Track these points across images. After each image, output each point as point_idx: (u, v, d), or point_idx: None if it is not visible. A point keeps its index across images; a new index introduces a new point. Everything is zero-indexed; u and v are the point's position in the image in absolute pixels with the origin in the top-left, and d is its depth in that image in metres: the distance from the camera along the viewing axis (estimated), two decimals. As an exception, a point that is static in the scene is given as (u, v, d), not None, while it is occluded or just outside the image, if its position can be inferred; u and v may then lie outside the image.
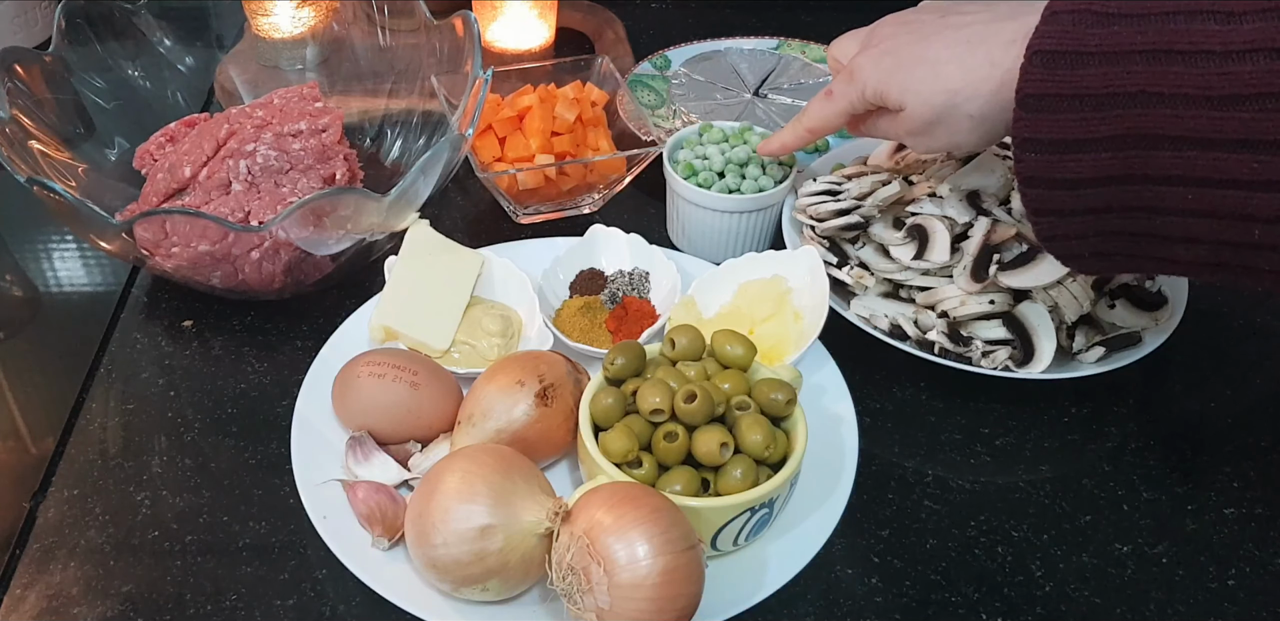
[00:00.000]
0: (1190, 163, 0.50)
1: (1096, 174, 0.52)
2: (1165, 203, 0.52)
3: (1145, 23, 0.50)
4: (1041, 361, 0.69)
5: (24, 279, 0.83)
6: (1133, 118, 0.50)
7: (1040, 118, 0.52)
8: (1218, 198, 0.50)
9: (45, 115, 0.79)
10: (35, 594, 0.61)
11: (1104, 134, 0.51)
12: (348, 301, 0.75)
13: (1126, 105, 0.50)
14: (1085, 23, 0.51)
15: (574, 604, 0.52)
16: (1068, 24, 0.51)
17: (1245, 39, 0.48)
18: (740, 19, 1.09)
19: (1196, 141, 0.49)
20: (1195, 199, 0.51)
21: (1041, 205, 0.54)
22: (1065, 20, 0.51)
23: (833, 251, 0.76)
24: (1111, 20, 0.50)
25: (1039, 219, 0.55)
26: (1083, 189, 0.53)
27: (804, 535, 0.62)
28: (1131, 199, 0.52)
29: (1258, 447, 0.71)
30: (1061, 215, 0.54)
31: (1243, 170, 0.49)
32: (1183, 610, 0.62)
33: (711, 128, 0.82)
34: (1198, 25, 0.49)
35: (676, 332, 0.63)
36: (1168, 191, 0.51)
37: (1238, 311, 0.81)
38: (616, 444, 0.58)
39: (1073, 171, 0.52)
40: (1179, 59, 0.49)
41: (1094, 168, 0.52)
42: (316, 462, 0.65)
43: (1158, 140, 0.50)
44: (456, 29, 0.82)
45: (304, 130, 0.77)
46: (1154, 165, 0.51)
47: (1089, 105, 0.51)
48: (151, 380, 0.74)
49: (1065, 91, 0.51)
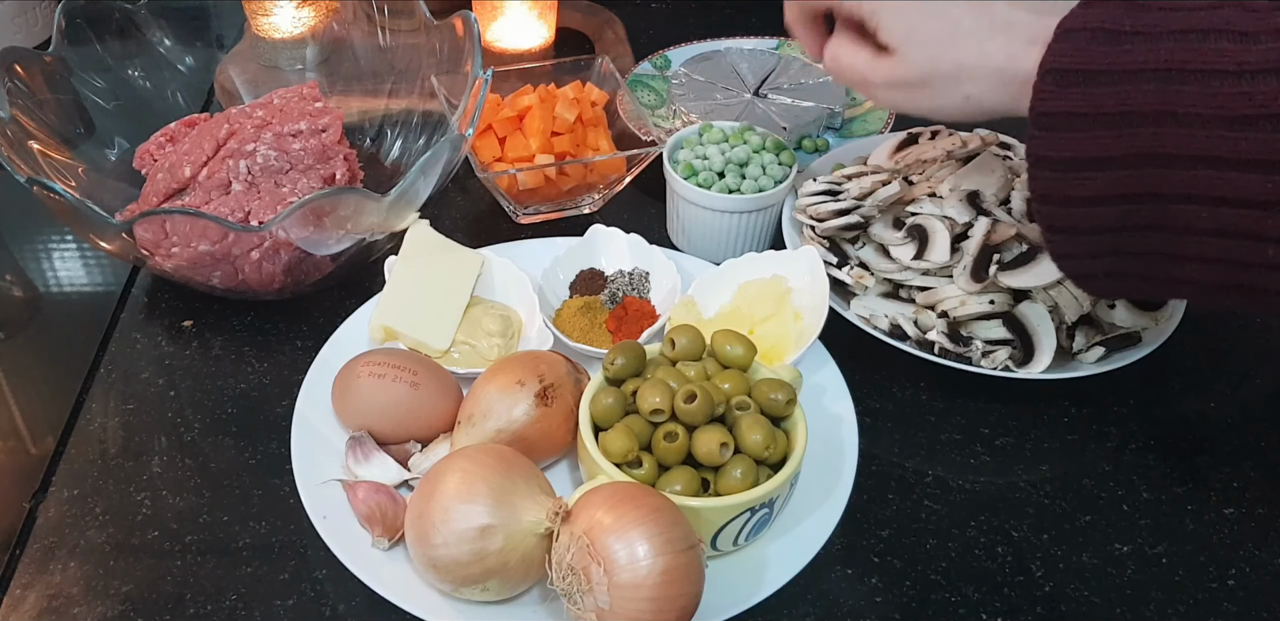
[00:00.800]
0: (1204, 182, 0.49)
1: (1110, 192, 0.51)
2: (1178, 221, 0.51)
3: (1158, 41, 0.49)
4: (1041, 361, 0.69)
5: (24, 279, 0.83)
6: (1146, 137, 0.50)
7: (1054, 136, 0.51)
8: (1231, 217, 0.50)
9: (45, 115, 0.79)
10: (35, 594, 0.61)
11: (1118, 152, 0.50)
12: (348, 301, 0.75)
13: (1140, 124, 0.49)
14: (1098, 41, 0.50)
15: (574, 604, 0.52)
16: (1081, 42, 0.50)
17: (1260, 59, 0.47)
18: (740, 19, 1.09)
19: (1210, 161, 0.49)
20: (1209, 218, 0.50)
21: (1055, 223, 0.54)
22: (1078, 38, 0.50)
23: (833, 251, 0.76)
24: (1124, 38, 0.50)
25: (1053, 236, 0.55)
26: (1096, 207, 0.52)
27: (804, 535, 0.62)
28: (1145, 217, 0.52)
29: (1258, 447, 0.71)
30: (1075, 233, 0.54)
31: (1256, 190, 0.49)
32: (1183, 610, 0.62)
33: (711, 128, 0.82)
34: (1211, 44, 0.48)
35: (676, 332, 0.63)
36: (1181, 210, 0.51)
37: (1238, 311, 0.81)
38: (616, 444, 0.58)
39: (1087, 189, 0.52)
40: (1192, 78, 0.48)
41: (1108, 186, 0.51)
42: (316, 462, 0.65)
43: (1171, 159, 0.50)
44: (456, 29, 0.82)
45: (304, 130, 0.77)
46: (1168, 184, 0.50)
47: (1102, 124, 0.50)
48: (151, 380, 0.74)
49: (1079, 110, 0.50)
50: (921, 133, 0.81)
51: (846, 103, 0.93)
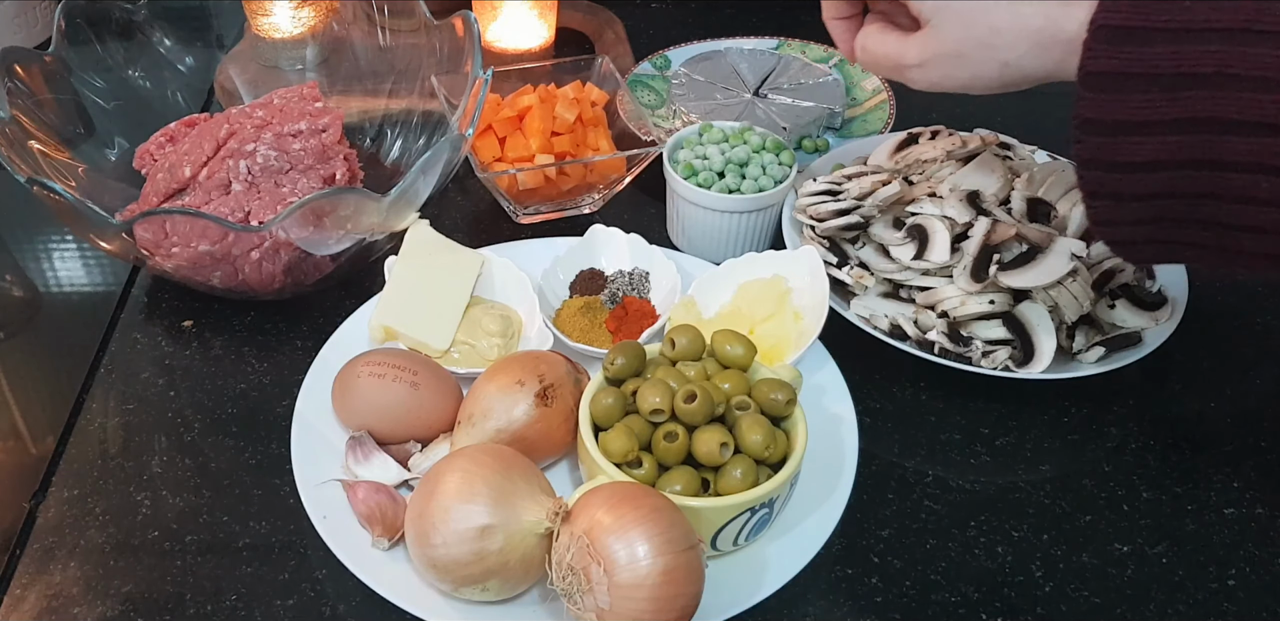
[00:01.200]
0: (1264, 149, 0.47)
1: (1160, 158, 0.49)
2: (1233, 190, 0.49)
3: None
4: (1041, 361, 0.69)
5: (24, 279, 0.83)
6: (1204, 100, 0.47)
7: (1103, 97, 0.49)
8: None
9: (45, 115, 0.79)
10: (35, 594, 0.61)
11: (1171, 116, 0.48)
12: (348, 301, 0.75)
13: (1198, 86, 0.47)
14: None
15: (574, 604, 0.52)
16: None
17: None
18: (740, 19, 1.08)
19: (1273, 128, 0.46)
20: (1268, 188, 0.48)
21: (1099, 188, 0.51)
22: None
23: (833, 251, 0.76)
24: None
25: (1095, 202, 0.52)
26: (1144, 173, 0.50)
27: (804, 535, 0.62)
28: (1197, 185, 0.49)
29: (1258, 447, 0.71)
30: (1119, 199, 0.51)
31: None
32: (1183, 610, 0.62)
33: (711, 128, 0.82)
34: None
35: (676, 332, 0.63)
36: (1237, 178, 0.48)
37: (1238, 311, 0.81)
38: (616, 444, 0.58)
39: (1135, 154, 0.49)
40: (1260, 39, 0.45)
41: (1158, 151, 0.49)
42: (316, 462, 0.65)
43: (1230, 125, 0.47)
44: (456, 29, 0.82)
45: (304, 130, 0.77)
46: (1226, 151, 0.48)
47: (1157, 85, 0.47)
48: (151, 380, 0.74)
49: (1131, 70, 0.47)
50: (921, 133, 0.81)
51: (846, 103, 0.93)
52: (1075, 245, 0.70)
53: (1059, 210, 0.73)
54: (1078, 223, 0.73)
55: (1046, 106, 0.96)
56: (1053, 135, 0.82)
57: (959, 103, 0.70)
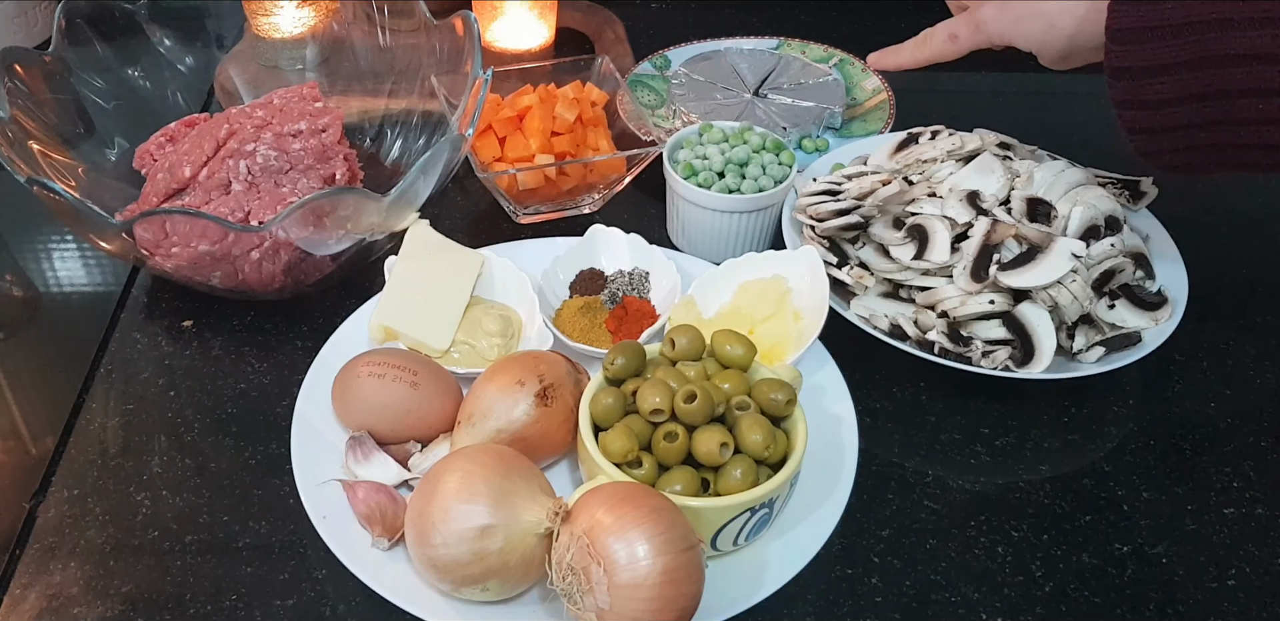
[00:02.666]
0: (1261, 76, 0.58)
1: (1181, 93, 0.60)
2: (1242, 114, 0.60)
3: None
4: (1041, 361, 0.69)
5: (24, 279, 0.83)
6: (1209, 42, 0.58)
7: (1128, 48, 0.60)
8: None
9: (45, 115, 0.79)
10: (35, 594, 0.61)
11: (1184, 58, 0.59)
12: (348, 301, 0.75)
13: (1203, 31, 0.58)
14: None
15: (574, 604, 0.52)
16: None
17: None
18: (740, 19, 1.08)
19: (1266, 57, 0.57)
20: (1265, 109, 0.59)
21: (1136, 125, 0.62)
22: None
23: (833, 251, 0.76)
24: None
25: (1135, 137, 0.63)
26: (1170, 108, 0.61)
27: (804, 535, 0.62)
28: (1213, 114, 0.60)
29: (1258, 447, 0.71)
30: (1154, 133, 0.62)
31: None
32: (1183, 610, 0.62)
33: (711, 128, 0.82)
34: None
35: (676, 332, 0.63)
36: (1244, 104, 0.59)
37: (1238, 311, 0.81)
38: (616, 444, 0.58)
39: (1160, 93, 0.60)
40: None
41: (1178, 88, 0.60)
42: (316, 462, 0.65)
43: (1233, 59, 0.58)
44: (456, 29, 0.82)
45: (304, 130, 0.77)
46: (1230, 81, 0.59)
47: (1170, 34, 0.58)
48: (151, 380, 0.74)
49: (1149, 23, 0.59)
50: (921, 133, 0.81)
51: (846, 102, 0.93)
52: (1075, 245, 0.70)
53: (1059, 210, 0.73)
54: (1078, 222, 0.73)
55: (1047, 106, 0.97)
56: (1053, 135, 0.82)
57: (959, 103, 0.70)
